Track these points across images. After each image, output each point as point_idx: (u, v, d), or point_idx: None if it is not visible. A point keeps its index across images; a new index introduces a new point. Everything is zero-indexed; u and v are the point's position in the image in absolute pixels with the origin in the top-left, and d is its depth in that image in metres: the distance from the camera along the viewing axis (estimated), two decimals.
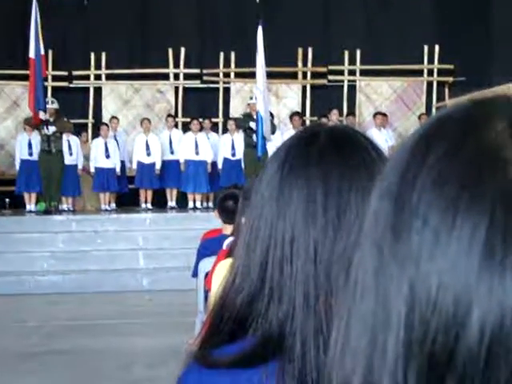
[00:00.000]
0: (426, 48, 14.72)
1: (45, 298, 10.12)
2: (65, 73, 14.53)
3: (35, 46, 12.32)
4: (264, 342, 0.96)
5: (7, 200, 13.51)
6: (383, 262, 0.48)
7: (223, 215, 5.30)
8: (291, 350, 0.94)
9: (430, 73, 14.94)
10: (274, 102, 14.40)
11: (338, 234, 0.97)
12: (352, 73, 14.96)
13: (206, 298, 4.99)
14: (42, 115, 12.40)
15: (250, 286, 1.00)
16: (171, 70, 14.87)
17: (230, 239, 3.97)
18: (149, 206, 13.48)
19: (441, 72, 14.89)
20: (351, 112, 14.45)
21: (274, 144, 13.35)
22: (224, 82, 14.98)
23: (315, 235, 0.97)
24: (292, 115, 13.91)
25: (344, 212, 0.98)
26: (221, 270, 2.84)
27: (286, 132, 13.69)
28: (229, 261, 2.74)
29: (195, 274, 5.24)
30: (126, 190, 13.69)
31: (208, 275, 4.00)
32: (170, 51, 14.66)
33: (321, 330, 0.94)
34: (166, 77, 14.91)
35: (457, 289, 0.43)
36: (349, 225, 0.97)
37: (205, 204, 13.51)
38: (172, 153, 13.61)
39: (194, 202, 13.52)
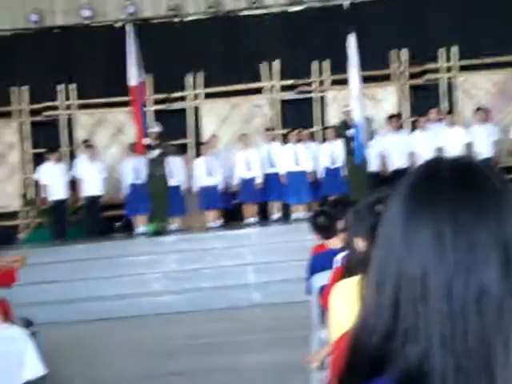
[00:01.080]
0: None
1: (160, 318, 10.36)
2: (163, 95, 14.89)
3: (136, 72, 12.69)
4: (404, 380, 0.97)
5: (118, 224, 13.95)
6: None
7: (316, 233, 5.31)
8: None
9: None
10: (371, 105, 14.29)
11: (471, 270, 0.96)
12: (449, 70, 14.66)
13: (322, 313, 5.02)
14: (145, 140, 12.76)
15: (383, 326, 1.01)
16: (266, 84, 14.99)
17: (342, 254, 3.97)
18: (254, 219, 13.61)
19: None
20: (450, 110, 14.16)
21: (375, 150, 13.26)
22: (319, 91, 14.98)
23: (447, 273, 0.97)
24: (389, 117, 13.76)
25: (474, 249, 0.97)
26: (339, 291, 2.85)
27: (385, 136, 13.56)
28: (347, 281, 2.76)
29: (309, 291, 5.27)
30: (231, 206, 13.87)
31: (323, 292, 4.02)
32: (263, 65, 14.79)
33: (461, 367, 0.94)
34: (261, 91, 15.04)
35: None
36: (481, 261, 0.96)
37: (309, 214, 13.49)
38: (272, 166, 13.70)
39: (298, 213, 13.55)
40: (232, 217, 13.78)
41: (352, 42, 12.52)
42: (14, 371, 6.36)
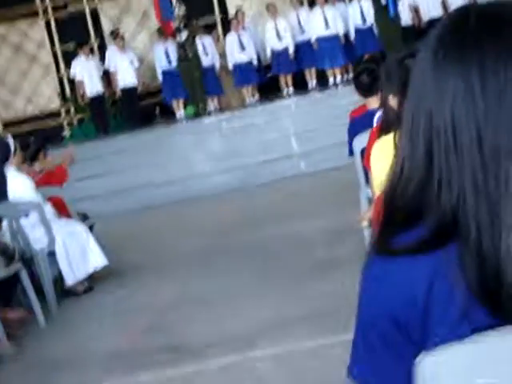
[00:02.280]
0: None
1: (212, 198, 10.56)
2: None
3: None
4: (440, 227, 1.01)
5: (158, 111, 14.03)
6: None
7: (360, 91, 5.27)
8: (468, 235, 0.99)
9: None
10: None
11: (499, 118, 0.98)
12: None
13: (366, 174, 5.08)
14: (173, 23, 12.60)
15: (418, 176, 1.04)
16: None
17: (379, 114, 3.96)
18: (291, 90, 13.54)
19: None
20: None
21: (406, 2, 12.88)
22: None
23: (477, 121, 0.99)
24: None
25: (504, 94, 0.98)
26: (378, 149, 2.89)
27: None
28: (384, 139, 2.79)
29: (351, 153, 5.32)
30: (266, 79, 13.78)
31: (365, 153, 4.06)
32: None
33: (494, 213, 0.97)
34: None
35: None
36: (509, 108, 0.98)
37: (345, 77, 13.37)
38: (303, 32, 13.47)
39: (335, 77, 13.42)
40: (269, 90, 13.71)
41: None
42: (80, 263, 6.66)
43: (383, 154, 2.65)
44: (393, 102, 2.73)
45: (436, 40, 1.05)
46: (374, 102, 5.01)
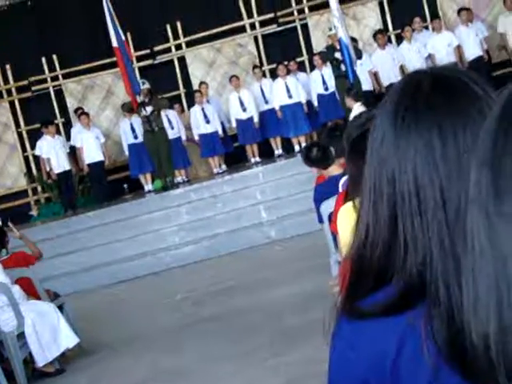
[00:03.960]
0: None
1: (184, 269, 10.53)
2: (147, 51, 14.78)
3: (115, 33, 12.59)
4: (407, 289, 1.01)
5: (125, 186, 14.03)
6: (491, 223, 0.55)
7: (313, 166, 5.37)
8: (436, 295, 0.98)
9: None
10: (353, 25, 14.16)
11: (462, 178, 0.99)
12: None
13: (335, 239, 5.12)
14: (138, 98, 12.73)
15: (382, 239, 1.05)
16: (246, 22, 14.85)
17: (344, 179, 4.04)
18: (257, 159, 13.66)
19: None
20: (434, 15, 14.02)
21: (364, 68, 13.19)
22: (300, 19, 14.83)
23: (439, 182, 1.00)
24: (375, 34, 13.66)
25: (463, 155, 1.00)
26: (344, 215, 2.93)
27: (373, 54, 13.49)
28: (348, 205, 2.82)
29: (321, 220, 5.38)
30: (232, 149, 13.91)
31: (332, 217, 4.10)
32: (241, 3, 14.62)
33: (461, 272, 0.94)
34: (242, 29, 14.92)
35: None
36: (467, 170, 0.95)
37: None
38: (266, 102, 13.68)
39: (300, 145, 13.58)
40: (236, 160, 13.83)
41: None
42: (51, 343, 6.53)
43: (350, 218, 2.68)
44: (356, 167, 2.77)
45: (393, 104, 1.06)
46: (331, 171, 5.11)
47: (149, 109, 12.88)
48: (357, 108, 10.06)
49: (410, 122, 1.03)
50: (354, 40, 12.91)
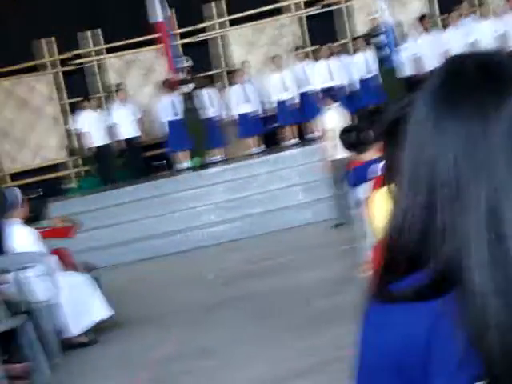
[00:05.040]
0: None
1: (217, 248, 10.57)
2: (190, 28, 14.77)
3: (162, 8, 12.62)
4: (440, 276, 0.99)
5: (163, 162, 14.08)
6: None
7: (350, 150, 5.33)
8: (469, 282, 0.96)
9: None
10: (399, 9, 13.97)
11: (506, 165, 0.95)
12: None
13: (367, 224, 5.07)
14: (178, 76, 12.76)
15: (419, 226, 1.03)
16: (291, 2, 14.75)
17: (381, 164, 3.98)
18: (295, 141, 13.61)
19: None
20: (482, 1, 13.78)
21: (408, 52, 13.03)
22: (345, 1, 14.68)
23: (478, 169, 0.97)
24: (419, 18, 13.48)
25: (503, 146, 0.96)
26: (380, 199, 2.90)
27: (418, 38, 13.31)
28: (384, 190, 2.79)
29: (355, 203, 5.34)
30: (271, 130, 13.87)
31: (368, 201, 4.06)
32: None
33: (497, 261, 0.95)
34: (287, 9, 14.82)
35: None
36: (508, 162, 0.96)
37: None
38: (308, 84, 13.60)
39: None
40: (272, 141, 13.79)
41: None
42: (84, 314, 6.63)
43: (385, 203, 2.65)
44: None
45: (436, 86, 1.04)
46: (368, 156, 5.06)
47: (190, 86, 12.88)
48: (334, 108, 10.11)
49: (452, 106, 1.01)
50: (399, 24, 12.78)
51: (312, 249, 8.93)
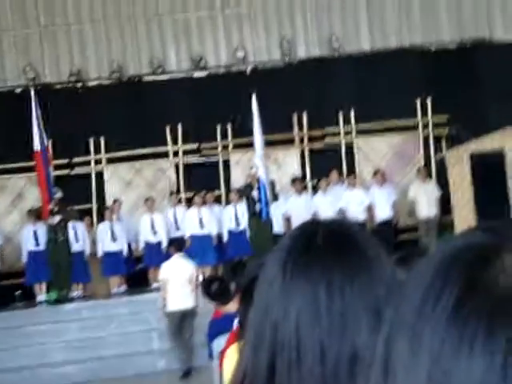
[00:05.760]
0: (418, 102, 14.87)
1: None
2: (65, 161, 14.68)
3: (40, 138, 12.52)
4: None
5: (17, 292, 13.49)
6: None
7: (213, 300, 5.31)
8: None
9: (425, 126, 15.07)
10: (274, 169, 14.51)
11: (343, 334, 0.97)
12: (348, 133, 15.09)
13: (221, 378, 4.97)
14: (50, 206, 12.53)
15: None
16: (170, 148, 15.04)
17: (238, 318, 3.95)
18: (159, 284, 13.42)
19: (435, 124, 15.01)
20: (351, 172, 14.54)
21: (279, 211, 13.42)
22: (223, 155, 15.12)
23: (321, 336, 0.98)
24: (293, 180, 14.00)
25: (347, 313, 0.99)
26: (230, 355, 2.85)
27: (290, 198, 13.77)
28: (237, 345, 2.74)
29: (211, 356, 5.24)
30: (135, 271, 13.68)
31: (220, 356, 3.99)
32: (168, 129, 14.84)
33: None
34: (165, 155, 15.07)
35: None
36: (353, 325, 0.98)
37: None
38: (178, 229, 13.65)
39: (204, 276, 13.48)
40: (137, 282, 13.56)
41: (254, 105, 12.74)
42: None
43: (235, 358, 2.59)
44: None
45: (285, 251, 1.05)
46: (230, 308, 5.03)
47: (57, 218, 12.64)
48: (175, 259, 10.24)
49: (299, 272, 1.02)
50: (272, 183, 13.22)
51: None
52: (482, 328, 0.45)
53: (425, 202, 13.66)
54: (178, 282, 9.88)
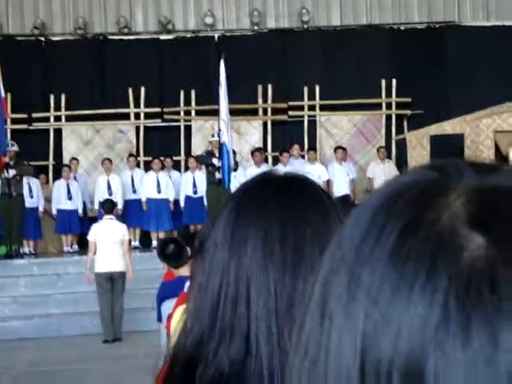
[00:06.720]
0: (383, 82, 14.92)
1: (6, 344, 9.91)
2: (24, 115, 14.43)
3: None
4: (214, 381, 0.95)
5: None
6: (331, 334, 0.46)
7: (167, 261, 5.27)
8: None
9: (389, 106, 15.14)
10: (235, 138, 14.44)
11: (297, 271, 0.97)
12: (312, 108, 15.09)
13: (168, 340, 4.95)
14: (3, 159, 12.28)
15: (199, 326, 0.99)
16: (132, 110, 14.87)
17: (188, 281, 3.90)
18: None
19: (399, 105, 15.10)
20: (312, 147, 14.55)
21: (237, 180, 13.38)
22: (185, 120, 15.00)
23: (274, 273, 0.97)
24: (253, 151, 13.96)
25: (302, 250, 0.98)
26: (179, 315, 2.79)
27: (248, 168, 13.74)
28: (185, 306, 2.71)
29: (160, 319, 5.21)
30: (87, 231, 13.54)
31: (168, 318, 3.97)
32: (131, 91, 14.66)
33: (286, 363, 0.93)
34: (126, 116, 14.89)
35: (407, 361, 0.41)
36: (307, 262, 0.97)
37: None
38: (134, 192, 13.55)
39: (158, 240, 13.42)
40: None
41: (222, 70, 12.59)
42: None
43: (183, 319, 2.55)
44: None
45: (240, 193, 1.05)
46: (182, 271, 5.01)
47: (12, 172, 12.44)
48: (106, 220, 10.12)
49: (252, 210, 1.01)
50: (233, 152, 13.15)
51: (110, 360, 8.57)
52: (423, 266, 0.42)
53: (382, 180, 13.69)
54: (108, 244, 9.74)
